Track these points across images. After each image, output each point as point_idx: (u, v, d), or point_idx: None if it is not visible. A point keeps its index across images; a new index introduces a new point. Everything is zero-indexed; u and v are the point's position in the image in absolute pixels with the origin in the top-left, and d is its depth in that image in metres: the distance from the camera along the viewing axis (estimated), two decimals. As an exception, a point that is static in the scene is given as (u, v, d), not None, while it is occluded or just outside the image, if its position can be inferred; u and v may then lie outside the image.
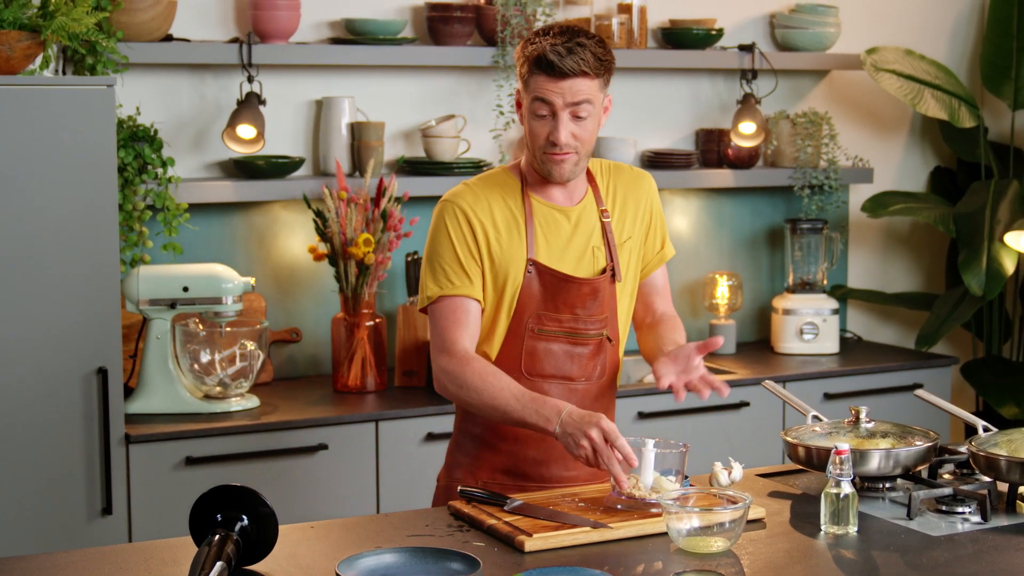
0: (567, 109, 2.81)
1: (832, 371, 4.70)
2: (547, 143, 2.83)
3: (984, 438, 2.90)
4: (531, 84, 2.83)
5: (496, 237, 2.87)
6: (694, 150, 5.00)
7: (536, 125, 2.84)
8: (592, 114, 2.84)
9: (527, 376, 2.89)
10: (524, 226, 2.89)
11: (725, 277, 4.99)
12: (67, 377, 3.59)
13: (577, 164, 2.87)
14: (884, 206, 5.11)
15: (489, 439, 2.94)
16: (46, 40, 3.59)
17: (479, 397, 2.77)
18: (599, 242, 2.94)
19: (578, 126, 2.83)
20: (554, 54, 2.78)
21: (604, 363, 2.96)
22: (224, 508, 2.39)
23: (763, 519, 2.70)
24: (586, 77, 2.80)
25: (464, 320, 2.84)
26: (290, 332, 4.45)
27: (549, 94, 2.80)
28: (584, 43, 2.80)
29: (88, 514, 3.64)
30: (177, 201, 4.13)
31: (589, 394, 2.94)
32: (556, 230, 2.91)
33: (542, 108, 2.82)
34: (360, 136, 4.41)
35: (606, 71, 2.85)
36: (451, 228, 2.87)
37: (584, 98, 2.81)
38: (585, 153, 2.87)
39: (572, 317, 2.89)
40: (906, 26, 5.39)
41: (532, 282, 2.88)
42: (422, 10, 4.56)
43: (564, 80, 2.79)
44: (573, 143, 2.83)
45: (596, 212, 2.96)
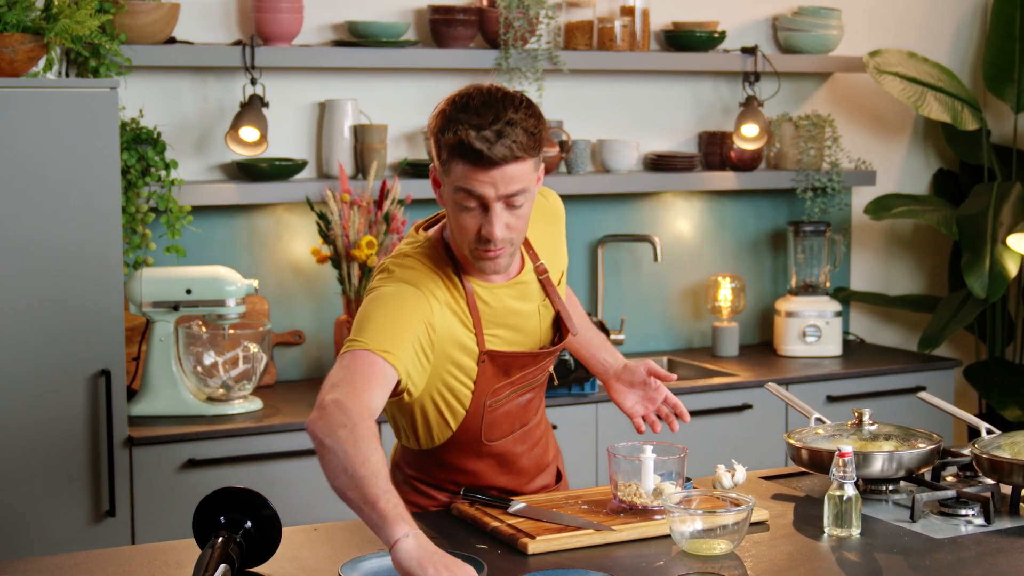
0: (500, 201, 2.45)
1: (835, 373, 4.70)
2: (478, 238, 2.49)
3: (987, 440, 2.90)
4: (453, 171, 2.45)
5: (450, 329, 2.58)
6: (697, 153, 5.00)
7: (464, 218, 2.48)
8: (528, 199, 2.49)
9: (486, 442, 2.74)
10: (470, 315, 2.61)
11: (728, 279, 4.99)
12: (70, 379, 3.59)
13: (512, 255, 2.56)
14: (887, 208, 5.11)
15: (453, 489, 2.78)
16: (49, 43, 3.60)
17: (349, 455, 2.25)
18: (542, 298, 2.73)
19: (513, 215, 2.48)
20: (481, 141, 2.41)
21: (543, 389, 2.85)
22: (227, 510, 2.40)
23: (766, 521, 2.70)
24: (519, 161, 2.43)
25: (379, 381, 2.43)
26: (293, 334, 4.45)
27: (478, 185, 2.43)
28: (513, 119, 2.43)
29: (91, 516, 3.64)
30: (180, 203, 4.13)
31: (538, 424, 2.85)
32: (502, 311, 2.66)
33: (470, 200, 2.45)
34: (363, 138, 4.41)
35: (539, 146, 2.47)
36: (414, 310, 2.52)
37: (519, 187, 2.45)
38: (520, 240, 2.55)
39: (523, 375, 2.74)
40: (909, 28, 5.39)
41: (486, 368, 2.64)
42: (425, 13, 4.57)
43: (495, 169, 2.41)
44: (508, 235, 2.49)
45: (533, 271, 2.71)
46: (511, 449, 2.79)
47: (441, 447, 2.73)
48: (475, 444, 2.73)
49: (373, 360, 2.43)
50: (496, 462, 2.79)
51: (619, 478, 2.70)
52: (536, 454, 2.87)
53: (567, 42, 4.71)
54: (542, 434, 2.90)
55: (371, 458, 2.25)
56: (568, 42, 4.71)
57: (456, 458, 2.76)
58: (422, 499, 2.81)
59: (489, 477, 2.80)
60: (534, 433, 2.86)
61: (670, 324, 5.05)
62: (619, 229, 4.91)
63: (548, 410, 3.99)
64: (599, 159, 4.84)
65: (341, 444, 2.27)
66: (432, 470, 2.79)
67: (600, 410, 4.25)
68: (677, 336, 5.07)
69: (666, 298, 5.04)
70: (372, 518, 2.21)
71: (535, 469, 2.88)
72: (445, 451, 2.74)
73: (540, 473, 2.90)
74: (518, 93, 2.51)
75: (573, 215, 4.82)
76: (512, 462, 2.81)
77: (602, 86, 4.87)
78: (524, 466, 2.84)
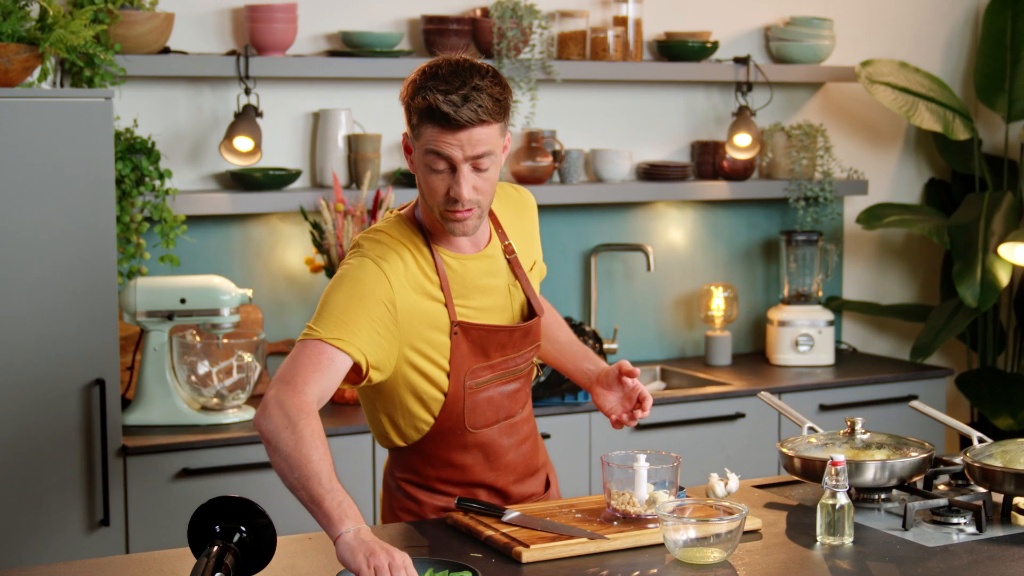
0: (467, 163, 2.56)
1: (827, 382, 4.71)
2: (447, 199, 2.59)
3: (979, 449, 2.91)
4: (422, 135, 2.57)
5: (414, 304, 2.65)
6: (689, 162, 5.02)
7: (433, 180, 2.59)
8: (495, 162, 2.60)
9: (471, 430, 2.77)
10: (441, 287, 2.69)
11: (721, 289, 5.00)
12: (65, 388, 3.60)
13: (480, 217, 2.65)
14: (879, 218, 5.12)
15: (441, 488, 2.82)
16: (44, 53, 3.61)
17: (293, 457, 2.39)
18: (511, 279, 2.80)
19: (480, 178, 2.59)
20: (448, 104, 2.52)
21: (528, 383, 2.90)
22: (222, 519, 2.40)
23: (759, 530, 2.71)
24: (485, 125, 2.54)
25: (326, 371, 2.52)
26: (287, 344, 4.46)
27: (446, 147, 2.54)
28: (479, 85, 2.55)
29: (86, 525, 3.65)
30: (174, 213, 4.14)
31: (524, 419, 2.88)
32: (470, 283, 2.73)
33: (438, 163, 2.56)
34: (357, 148, 4.42)
35: (505, 113, 2.60)
36: (365, 287, 2.60)
37: (485, 150, 2.56)
38: (487, 204, 2.65)
39: (504, 360, 2.78)
40: (900, 39, 5.41)
41: (460, 343, 2.69)
42: (418, 23, 4.58)
43: (461, 131, 2.53)
44: (475, 197, 2.59)
45: (501, 250, 2.79)
46: (497, 440, 2.81)
47: (426, 439, 2.76)
48: (459, 432, 2.75)
49: (321, 349, 2.53)
50: (483, 455, 2.81)
51: (613, 487, 2.71)
52: (524, 452, 2.88)
53: (560, 52, 4.72)
54: (530, 432, 2.91)
55: (312, 457, 2.38)
56: (561, 52, 4.72)
57: (442, 450, 2.78)
58: (414, 505, 2.83)
59: (476, 472, 2.81)
60: (521, 429, 2.87)
61: (663, 333, 5.06)
62: (612, 238, 4.93)
63: (540, 419, 4.01)
64: (592, 169, 4.85)
65: (285, 446, 2.41)
66: (420, 467, 2.80)
67: (593, 419, 4.26)
68: (670, 345, 5.08)
69: (659, 307, 5.05)
70: (319, 517, 2.36)
71: (523, 468, 2.89)
72: (431, 443, 2.76)
73: (530, 476, 2.91)
74: (485, 63, 2.62)
75: (566, 224, 4.84)
76: (499, 456, 2.83)
77: (595, 96, 4.88)
78: (511, 462, 2.85)
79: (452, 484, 2.82)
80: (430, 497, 2.82)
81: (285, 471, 2.41)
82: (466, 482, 2.82)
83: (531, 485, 2.92)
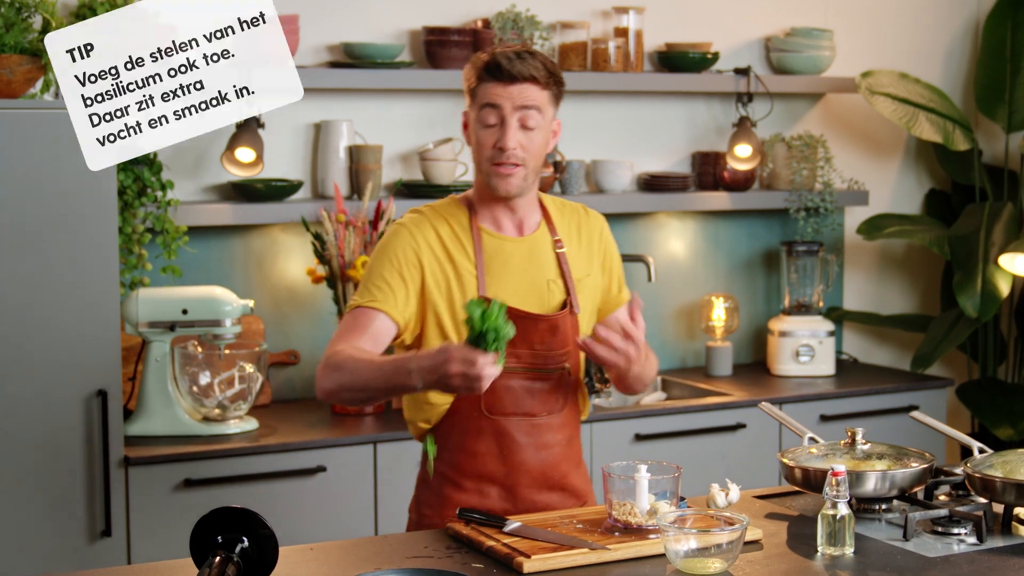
0: (516, 114, 2.78)
1: (828, 393, 4.72)
2: (494, 151, 2.79)
3: (980, 459, 2.91)
4: (479, 94, 2.82)
5: (444, 269, 2.83)
6: (690, 173, 5.03)
7: (483, 135, 2.81)
8: (541, 126, 2.81)
9: (488, 415, 2.84)
10: (474, 260, 2.84)
11: (721, 299, 5.01)
12: (67, 399, 3.60)
13: (525, 179, 2.83)
14: (879, 228, 5.13)
15: (454, 477, 2.90)
16: (47, 64, 3.62)
17: (347, 377, 2.70)
18: (555, 275, 2.89)
19: (526, 136, 2.80)
20: (503, 59, 2.78)
21: (566, 395, 2.93)
22: (224, 530, 2.40)
23: (760, 540, 2.71)
24: (535, 84, 2.79)
25: (365, 328, 2.79)
26: (288, 354, 4.46)
27: (497, 98, 2.78)
28: (535, 54, 2.81)
29: (87, 536, 3.65)
30: (176, 224, 4.14)
31: (551, 426, 2.91)
32: (506, 264, 2.85)
33: (490, 115, 2.79)
34: (358, 159, 4.43)
35: (556, 85, 2.83)
36: (395, 250, 2.84)
37: (533, 104, 2.79)
38: (533, 168, 2.83)
39: (531, 353, 2.85)
40: (900, 49, 5.42)
41: None
42: (420, 34, 4.59)
43: (513, 84, 2.77)
44: (521, 154, 2.79)
45: (550, 243, 2.91)
46: (512, 433, 2.85)
47: (445, 420, 2.86)
48: (475, 415, 2.83)
49: (356, 314, 2.80)
50: (496, 444, 2.86)
51: (614, 497, 2.71)
52: (544, 458, 2.90)
53: (561, 63, 4.73)
54: (558, 444, 2.92)
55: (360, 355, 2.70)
56: (562, 63, 4.73)
57: (459, 434, 2.86)
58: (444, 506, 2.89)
59: (488, 462, 2.86)
60: (544, 434, 2.89)
61: (664, 343, 5.06)
62: (613, 249, 4.93)
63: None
64: (593, 179, 4.86)
65: (339, 372, 2.70)
66: (439, 450, 2.90)
67: (594, 430, 4.26)
68: (671, 355, 5.09)
69: (660, 317, 5.05)
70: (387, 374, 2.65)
71: (540, 475, 2.90)
72: (448, 423, 2.86)
73: (550, 489, 2.92)
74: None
75: (567, 235, 4.84)
76: (512, 451, 2.87)
77: (596, 107, 4.89)
78: (526, 463, 2.88)
79: (465, 476, 2.87)
80: (451, 490, 2.89)
81: (354, 382, 2.69)
82: (478, 474, 2.86)
83: (552, 499, 2.92)
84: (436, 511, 2.93)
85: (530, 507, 2.90)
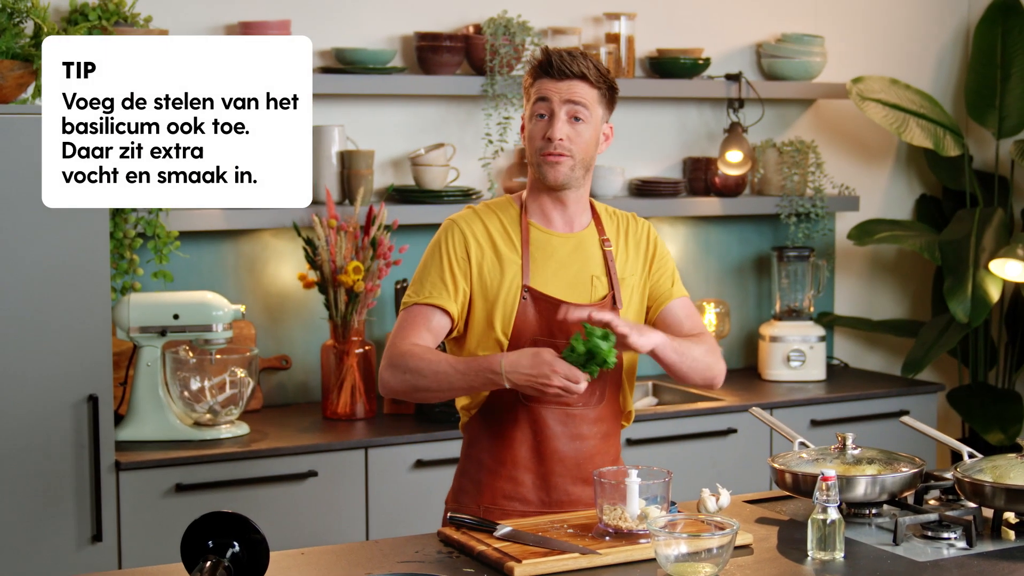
0: (564, 107, 2.89)
1: (819, 398, 4.72)
2: (544, 142, 2.91)
3: (969, 464, 2.92)
4: (534, 90, 2.94)
5: (491, 260, 2.93)
6: (682, 178, 5.03)
7: (535, 127, 2.93)
8: (590, 121, 2.92)
9: (524, 402, 2.92)
10: (520, 252, 2.93)
11: (713, 304, 5.02)
12: (58, 404, 3.60)
13: (573, 170, 2.93)
14: (870, 234, 5.14)
15: (490, 464, 2.97)
16: (38, 69, 3.62)
17: (423, 379, 2.83)
18: (600, 271, 2.97)
19: (574, 129, 2.91)
20: (557, 57, 2.91)
21: (604, 389, 2.97)
22: (216, 534, 2.40)
23: (751, 545, 2.72)
24: (586, 82, 2.91)
25: (424, 325, 2.91)
26: (280, 359, 4.46)
27: (548, 92, 2.90)
28: (587, 56, 2.95)
29: (78, 541, 3.65)
30: (168, 229, 4.14)
31: (587, 418, 2.95)
32: (552, 256, 2.96)
33: (542, 107, 2.91)
34: (350, 164, 4.43)
35: (607, 87, 2.95)
36: (446, 245, 2.95)
37: (582, 99, 2.90)
38: (581, 161, 2.93)
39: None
40: (891, 56, 5.44)
41: (527, 308, 2.91)
42: (411, 40, 4.60)
43: (563, 80, 2.90)
44: (568, 145, 2.90)
45: (597, 241, 3.01)
46: (547, 421, 2.92)
47: (484, 407, 2.94)
48: (512, 401, 2.90)
49: (412, 312, 2.92)
50: (531, 432, 2.92)
51: (604, 502, 2.71)
52: (580, 449, 2.95)
53: (553, 69, 4.73)
54: (595, 437, 2.97)
55: (432, 356, 2.83)
56: (554, 69, 4.73)
57: (497, 417, 2.94)
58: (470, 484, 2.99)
59: (521, 451, 2.93)
60: (580, 426, 2.94)
61: (655, 349, 5.05)
62: (604, 254, 4.93)
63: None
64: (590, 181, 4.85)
65: (412, 373, 2.82)
66: (476, 439, 2.98)
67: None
68: (662, 361, 5.08)
69: (651, 323, 5.05)
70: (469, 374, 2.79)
71: (575, 467, 2.94)
72: (487, 410, 2.94)
73: (581, 482, 2.95)
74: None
75: (559, 240, 4.85)
76: (547, 439, 2.92)
77: (587, 112, 4.89)
78: (560, 451, 2.93)
79: (501, 463, 2.94)
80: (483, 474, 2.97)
81: (430, 383, 2.82)
82: (512, 461, 2.93)
83: (587, 492, 2.95)
84: (474, 498, 2.98)
85: (563, 497, 2.94)
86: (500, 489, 2.95)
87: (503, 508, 2.93)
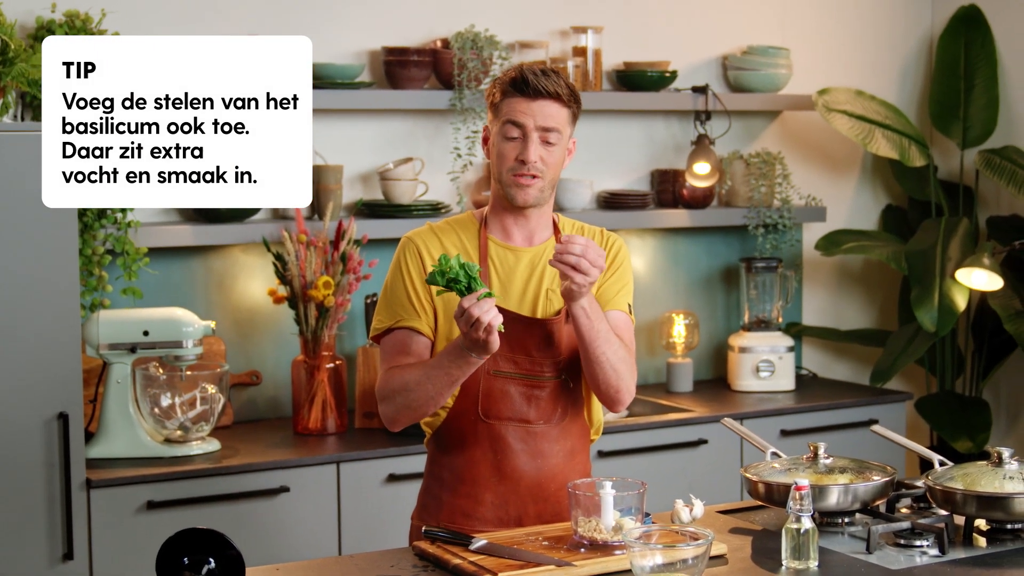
0: (537, 132, 2.88)
1: (789, 408, 4.75)
2: (516, 163, 2.89)
3: (940, 472, 2.94)
4: (503, 109, 2.90)
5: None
6: (649, 190, 5.05)
7: (506, 147, 2.90)
8: (560, 143, 2.91)
9: (484, 419, 2.90)
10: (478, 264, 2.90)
11: (681, 316, 5.03)
12: (27, 422, 3.58)
13: (542, 191, 2.93)
14: (837, 244, 5.17)
15: (450, 482, 2.96)
16: (5, 87, 3.60)
17: (409, 393, 2.83)
18: (555, 285, 2.94)
19: (546, 151, 2.90)
20: (530, 74, 2.88)
21: (566, 406, 2.96)
22: (191, 551, 2.40)
23: (725, 555, 2.73)
24: (558, 102, 2.88)
25: (403, 351, 2.92)
26: (250, 375, 4.45)
27: (521, 116, 2.88)
28: (558, 73, 2.93)
29: (49, 560, 3.63)
30: (136, 245, 4.13)
31: (548, 436, 2.94)
32: (511, 271, 2.95)
33: (513, 130, 2.89)
34: (319, 179, 4.43)
35: (575, 104, 2.94)
36: (405, 264, 2.95)
37: (555, 125, 2.89)
38: (550, 181, 2.93)
39: (527, 359, 2.91)
40: (856, 67, 5.48)
41: None
42: (379, 54, 4.60)
43: (536, 101, 2.87)
44: (541, 166, 2.89)
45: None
46: (506, 437, 2.90)
47: (444, 424, 2.93)
48: (472, 419, 2.89)
49: (391, 341, 2.93)
50: (491, 448, 2.91)
51: (579, 514, 2.72)
52: (539, 467, 2.93)
53: (520, 82, 4.74)
54: (555, 456, 2.94)
55: (408, 369, 2.85)
56: (521, 82, 4.74)
57: (456, 436, 2.92)
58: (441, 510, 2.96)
59: (480, 469, 2.91)
60: (540, 443, 2.93)
61: (625, 361, 5.07)
62: (574, 267, 4.94)
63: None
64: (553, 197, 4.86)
65: (399, 394, 2.83)
66: (436, 457, 2.98)
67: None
68: (632, 372, 5.09)
69: (621, 335, 5.06)
70: (443, 367, 2.78)
71: (535, 485, 2.93)
72: (447, 428, 2.93)
73: (545, 501, 2.93)
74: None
75: (528, 253, 4.85)
76: (506, 456, 2.90)
77: (555, 126, 4.90)
78: (520, 469, 2.91)
79: (461, 481, 2.92)
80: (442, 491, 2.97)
81: (423, 400, 2.82)
82: (472, 479, 2.91)
83: (546, 510, 2.93)
84: (434, 515, 2.97)
85: (522, 516, 2.93)
86: (459, 507, 2.94)
87: (461, 527, 2.89)
